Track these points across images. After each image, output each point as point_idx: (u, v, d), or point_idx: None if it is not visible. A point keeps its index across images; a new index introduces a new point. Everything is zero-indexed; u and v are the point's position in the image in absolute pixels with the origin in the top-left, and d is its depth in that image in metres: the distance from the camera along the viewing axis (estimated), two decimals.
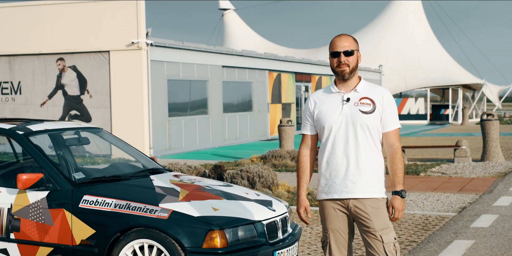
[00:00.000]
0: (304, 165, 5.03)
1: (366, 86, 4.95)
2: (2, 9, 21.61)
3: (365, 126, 4.82)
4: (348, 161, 4.83)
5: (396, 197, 4.87)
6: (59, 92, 21.02)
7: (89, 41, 20.47)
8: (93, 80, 20.57)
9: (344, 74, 4.86)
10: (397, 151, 4.88)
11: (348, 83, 4.92)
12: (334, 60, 4.88)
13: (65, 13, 20.85)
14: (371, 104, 4.85)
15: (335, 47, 4.87)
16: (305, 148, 5.05)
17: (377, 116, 4.86)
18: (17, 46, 21.26)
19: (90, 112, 20.63)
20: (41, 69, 21.16)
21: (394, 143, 4.90)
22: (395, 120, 4.91)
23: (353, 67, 4.88)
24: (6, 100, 21.60)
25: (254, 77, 26.77)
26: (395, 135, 4.92)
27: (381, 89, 4.97)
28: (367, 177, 4.84)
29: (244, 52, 26.04)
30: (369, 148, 4.85)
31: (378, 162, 4.90)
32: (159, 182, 6.54)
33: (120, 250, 5.90)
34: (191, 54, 22.37)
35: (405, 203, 11.37)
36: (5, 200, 6.34)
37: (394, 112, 4.92)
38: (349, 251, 5.02)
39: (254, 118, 26.77)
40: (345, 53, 4.85)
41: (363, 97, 4.87)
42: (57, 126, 7.18)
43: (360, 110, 4.83)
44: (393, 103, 4.93)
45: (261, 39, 54.42)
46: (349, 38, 4.91)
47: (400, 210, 4.86)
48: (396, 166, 4.87)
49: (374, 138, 4.87)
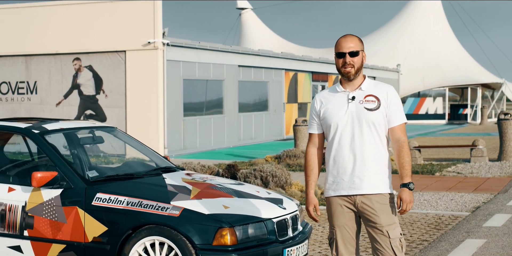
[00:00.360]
0: (312, 164, 5.11)
1: (371, 84, 5.06)
2: (19, 9, 21.78)
3: (370, 122, 4.92)
4: (354, 157, 4.92)
5: (404, 189, 4.95)
6: (75, 92, 21.15)
7: (106, 41, 20.58)
8: (109, 79, 20.68)
9: (349, 75, 4.98)
10: (403, 145, 4.97)
11: (353, 82, 5.04)
12: (339, 60, 4.99)
13: (82, 13, 20.98)
14: (375, 101, 4.95)
15: (340, 48, 4.98)
16: (312, 147, 5.14)
17: (382, 112, 4.96)
18: (34, 46, 21.41)
19: (105, 112, 20.75)
20: (57, 69, 21.31)
21: (400, 137, 4.98)
22: (400, 115, 5.00)
23: (358, 68, 4.99)
24: (22, 99, 21.77)
25: (270, 77, 26.81)
26: (401, 129, 5.01)
27: (385, 86, 5.07)
28: (374, 173, 4.93)
29: (260, 52, 26.07)
30: (375, 144, 4.94)
31: (384, 158, 4.99)
32: (171, 181, 6.60)
33: (131, 247, 5.97)
34: (208, 54, 22.44)
35: (419, 202, 11.37)
36: (19, 197, 6.42)
37: (399, 107, 5.02)
38: (356, 248, 5.09)
39: (269, 118, 26.80)
40: (350, 54, 4.95)
41: (368, 94, 4.98)
42: (72, 125, 7.27)
43: (365, 107, 4.94)
44: (397, 99, 5.03)
45: (279, 38, 54.47)
46: (354, 39, 5.01)
47: (408, 202, 4.93)
48: (403, 159, 4.96)
49: (380, 135, 4.97)
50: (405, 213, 5.10)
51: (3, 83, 21.97)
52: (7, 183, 6.58)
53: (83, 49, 20.86)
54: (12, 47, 21.65)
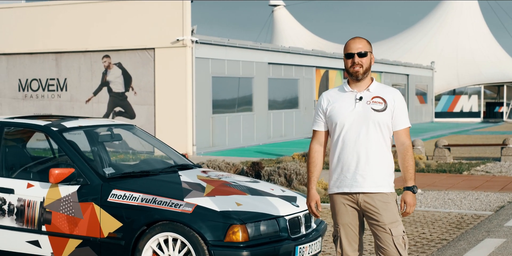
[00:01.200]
0: (316, 161, 5.20)
1: (378, 87, 5.17)
2: (50, 7, 22.03)
3: (377, 123, 5.01)
4: (358, 156, 5.00)
5: (407, 192, 5.05)
6: (104, 89, 21.34)
7: (135, 38, 20.72)
8: (138, 77, 20.83)
9: (357, 74, 5.07)
10: (408, 149, 5.07)
11: (361, 83, 5.12)
12: (348, 61, 5.09)
13: (112, 11, 21.16)
14: (383, 102, 5.05)
15: (349, 49, 5.10)
16: (316, 144, 5.22)
17: (388, 114, 5.05)
18: (64, 43, 21.64)
19: (134, 109, 20.90)
20: (87, 66, 21.51)
21: (405, 141, 5.09)
22: (405, 119, 5.11)
23: (366, 68, 5.08)
24: (52, 96, 22.01)
25: (301, 74, 26.79)
26: (406, 133, 5.12)
27: (392, 90, 5.18)
28: (377, 172, 5.01)
29: (291, 49, 26.07)
30: (379, 144, 5.03)
31: (387, 158, 5.07)
32: (186, 178, 6.66)
33: (145, 243, 6.04)
34: (237, 51, 22.50)
35: (443, 201, 11.31)
36: (38, 193, 6.53)
37: (405, 112, 5.12)
38: (359, 245, 5.16)
39: (300, 116, 26.79)
40: (359, 55, 5.06)
41: (375, 96, 5.08)
42: (90, 123, 7.36)
43: (373, 108, 5.03)
44: (403, 103, 5.13)
45: (312, 35, 54.37)
46: (362, 41, 5.13)
47: (411, 205, 5.04)
48: (407, 162, 5.06)
49: (384, 135, 5.06)
50: (407, 216, 5.21)
51: (34, 80, 22.23)
52: (26, 179, 6.70)
53: (112, 46, 21.03)
54: (43, 44, 21.90)
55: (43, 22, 21.96)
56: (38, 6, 22.26)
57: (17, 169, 6.96)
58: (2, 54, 22.55)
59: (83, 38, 21.36)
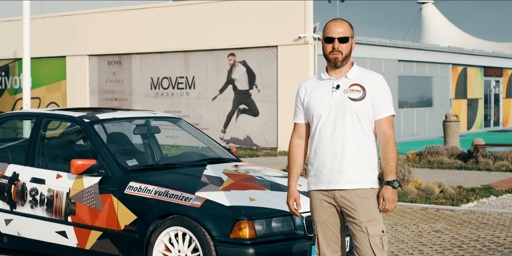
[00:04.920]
0: (295, 155, 4.87)
1: (358, 72, 4.73)
2: (180, 7, 22.52)
3: (354, 113, 4.62)
4: (335, 150, 4.64)
5: (387, 187, 4.62)
6: (229, 87, 21.55)
7: (258, 36, 20.80)
8: (261, 74, 20.88)
9: (336, 61, 4.67)
10: (389, 139, 4.63)
11: (340, 69, 4.73)
12: (327, 45, 4.69)
13: (236, 10, 21.34)
14: (361, 90, 4.64)
15: (329, 32, 4.69)
16: (297, 137, 4.89)
17: (368, 103, 4.63)
18: (192, 42, 22.06)
19: (258, 107, 20.97)
20: (213, 64, 21.82)
21: (386, 131, 4.65)
22: (387, 107, 4.67)
23: (346, 55, 4.68)
24: (181, 94, 22.48)
25: (435, 72, 25.93)
26: (388, 122, 4.67)
27: (372, 75, 4.73)
28: (354, 168, 4.62)
29: (423, 46, 25.31)
30: (358, 137, 4.63)
31: (368, 151, 4.66)
32: (210, 171, 6.51)
33: (157, 237, 5.95)
34: (363, 48, 22.06)
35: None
36: (65, 184, 6.60)
37: (387, 98, 4.67)
38: (341, 246, 4.76)
39: (434, 114, 25.92)
40: (339, 40, 4.66)
41: (353, 83, 4.67)
42: (127, 115, 7.36)
43: (349, 97, 4.64)
44: (385, 89, 4.68)
45: (463, 34, 52.50)
46: (344, 24, 4.72)
47: (391, 201, 4.61)
48: (388, 155, 4.62)
49: (364, 127, 4.65)
50: (388, 212, 4.76)
51: (164, 78, 22.81)
52: (57, 170, 6.78)
53: (237, 44, 21.21)
54: (172, 43, 22.43)
55: (172, 22, 22.49)
56: (167, 7, 22.83)
57: (51, 159, 7.09)
58: (136, 54, 23.30)
59: (210, 37, 21.69)
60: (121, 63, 23.66)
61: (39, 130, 7.05)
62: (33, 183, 6.80)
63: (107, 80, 24.01)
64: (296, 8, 20.21)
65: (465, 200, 10.83)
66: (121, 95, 23.69)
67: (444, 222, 9.13)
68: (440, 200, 10.74)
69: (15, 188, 6.90)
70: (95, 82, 24.32)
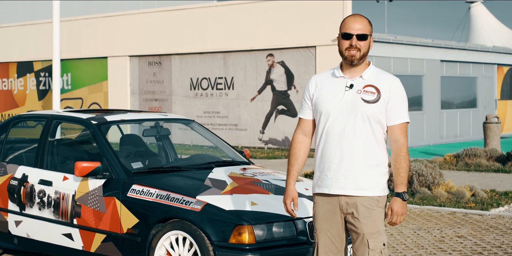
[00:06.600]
0: (297, 152, 4.60)
1: (374, 73, 4.46)
2: (219, 7, 22.50)
3: (365, 116, 4.35)
4: (342, 152, 4.37)
5: (396, 199, 4.37)
6: (268, 88, 21.43)
7: (297, 36, 20.64)
8: (300, 75, 20.72)
9: (353, 59, 4.39)
10: (402, 148, 4.36)
11: (355, 68, 4.44)
12: (344, 42, 4.40)
13: (274, 10, 21.21)
14: (375, 92, 4.37)
15: (347, 28, 4.39)
16: (301, 134, 4.62)
17: (381, 107, 4.37)
18: (231, 43, 22.00)
19: (296, 107, 20.81)
20: (252, 64, 21.72)
21: (399, 139, 4.38)
22: (402, 113, 4.40)
23: (364, 53, 4.40)
24: (220, 95, 22.44)
25: (479, 72, 25.44)
26: (401, 130, 4.39)
27: (389, 77, 4.45)
28: (361, 173, 4.36)
29: (467, 46, 24.84)
30: (367, 141, 4.36)
31: (377, 157, 4.39)
32: (216, 175, 6.40)
33: (158, 241, 5.87)
34: (404, 48, 21.74)
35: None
36: (71, 186, 6.57)
37: (402, 104, 4.40)
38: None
39: (478, 115, 25.43)
40: (358, 37, 4.37)
41: (368, 84, 4.40)
42: (136, 117, 7.28)
43: (363, 98, 4.36)
44: (402, 94, 4.41)
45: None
46: (364, 20, 4.44)
47: (399, 215, 4.36)
48: (399, 164, 4.35)
49: (375, 131, 4.38)
50: (395, 225, 4.50)
51: (204, 79, 22.80)
52: (64, 172, 6.75)
53: (275, 45, 21.08)
54: (211, 44, 22.41)
55: (211, 23, 22.47)
56: (205, 7, 22.82)
57: (59, 162, 7.07)
58: (176, 54, 23.34)
59: (249, 37, 21.61)
60: (161, 64, 23.73)
61: (48, 131, 7.03)
62: (41, 185, 6.79)
63: (148, 81, 24.10)
64: (335, 8, 20.00)
65: (496, 204, 10.54)
66: (161, 95, 23.76)
67: (470, 227, 8.88)
68: (469, 204, 10.47)
69: (24, 189, 6.90)
70: (136, 83, 24.43)
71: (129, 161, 6.73)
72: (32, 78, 27.25)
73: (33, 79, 27.24)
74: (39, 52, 26.56)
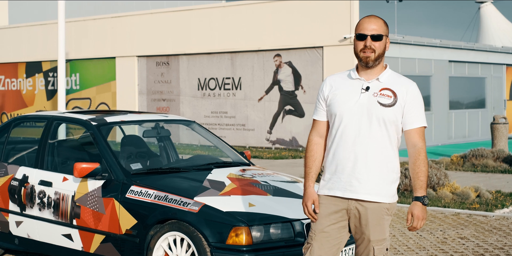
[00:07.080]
0: (315, 154, 4.53)
1: (391, 76, 4.41)
2: (226, 8, 22.50)
3: (381, 119, 4.31)
4: (356, 156, 4.33)
5: (416, 203, 4.33)
6: (275, 88, 21.42)
7: (304, 37, 20.62)
8: (307, 75, 20.70)
9: (368, 60, 4.33)
10: (420, 152, 4.33)
11: (371, 70, 4.39)
12: (359, 43, 4.35)
13: (282, 10, 21.20)
14: (392, 96, 4.33)
15: (362, 29, 4.35)
16: (316, 136, 4.56)
17: (398, 111, 4.32)
18: (238, 43, 22.00)
19: (303, 108, 20.79)
20: (259, 65, 21.72)
21: (417, 143, 4.34)
22: (420, 117, 4.37)
23: (379, 54, 4.35)
24: (228, 95, 22.45)
25: (488, 72, 25.36)
26: (419, 134, 4.36)
27: (406, 81, 4.41)
28: (376, 177, 4.33)
29: (475, 46, 24.76)
30: (383, 144, 4.33)
31: (391, 161, 4.37)
32: (214, 176, 6.40)
33: (156, 242, 5.87)
34: (412, 49, 21.70)
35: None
36: (70, 187, 6.58)
37: (419, 108, 4.37)
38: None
39: (486, 116, 25.35)
40: (372, 37, 4.32)
41: (385, 88, 4.35)
42: (136, 118, 7.29)
43: (379, 101, 4.32)
44: (419, 98, 4.38)
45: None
46: (379, 21, 4.39)
47: (420, 219, 4.32)
48: (418, 168, 4.32)
49: (390, 135, 4.34)
50: (415, 231, 4.46)
51: (211, 79, 22.81)
52: (63, 173, 6.76)
53: (283, 45, 21.07)
54: (219, 44, 22.42)
55: (218, 23, 22.48)
56: (213, 8, 22.83)
57: (59, 162, 7.08)
58: (184, 54, 23.36)
59: (256, 38, 21.60)
60: (169, 64, 23.76)
61: (49, 132, 7.05)
62: (41, 185, 6.81)
63: (155, 81, 24.13)
64: (342, 8, 19.98)
65: (500, 205, 10.49)
66: (169, 95, 23.79)
67: (473, 229, 8.85)
68: (474, 205, 10.43)
69: (25, 190, 6.92)
70: (144, 83, 24.47)
71: (129, 162, 6.74)
72: (41, 78, 27.33)
73: (41, 79, 27.32)
74: (47, 52, 26.64)
